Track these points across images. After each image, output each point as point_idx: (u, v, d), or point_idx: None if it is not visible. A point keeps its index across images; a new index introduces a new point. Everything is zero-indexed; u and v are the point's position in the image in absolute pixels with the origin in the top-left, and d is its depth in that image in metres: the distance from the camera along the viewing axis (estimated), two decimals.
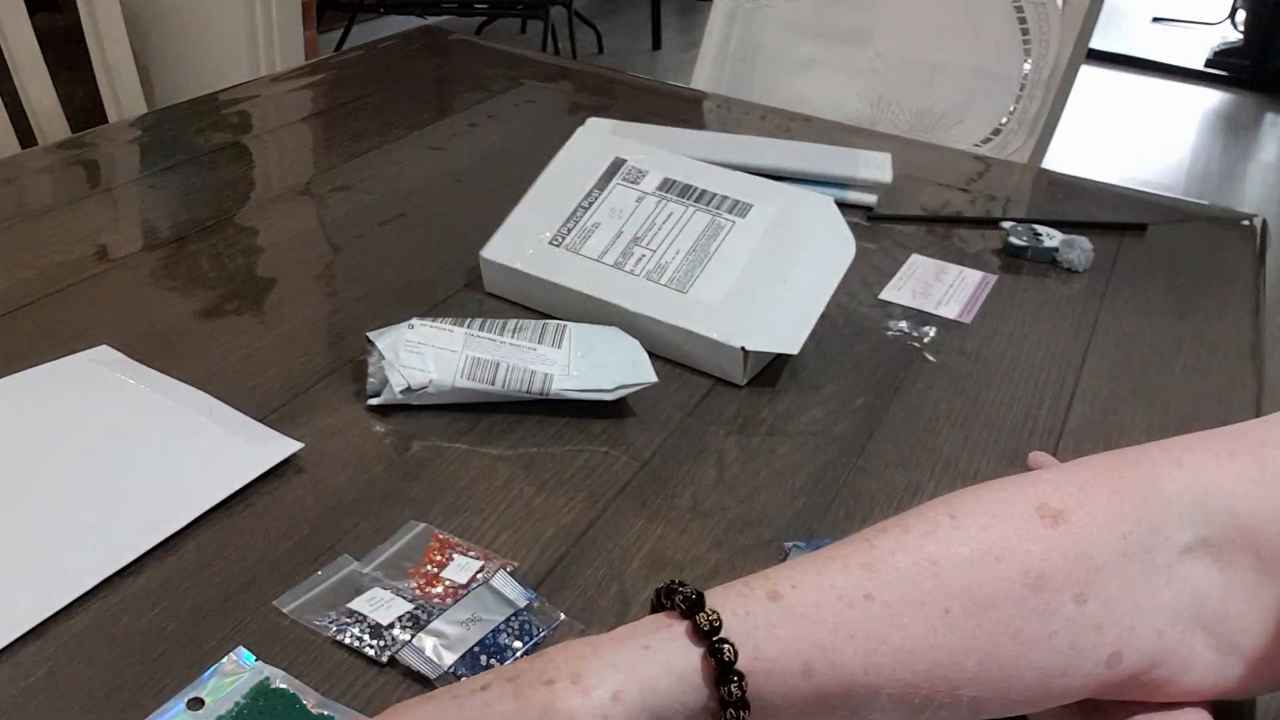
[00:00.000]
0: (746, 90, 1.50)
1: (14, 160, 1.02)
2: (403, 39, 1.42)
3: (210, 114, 1.13)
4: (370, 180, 1.02)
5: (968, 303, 0.88)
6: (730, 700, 0.39)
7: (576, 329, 0.73)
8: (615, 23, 4.33)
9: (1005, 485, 0.46)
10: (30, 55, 1.36)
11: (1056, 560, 0.43)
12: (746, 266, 0.77)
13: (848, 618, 0.41)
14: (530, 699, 0.38)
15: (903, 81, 1.44)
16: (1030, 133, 1.38)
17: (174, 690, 0.50)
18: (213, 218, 0.93)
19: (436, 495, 0.63)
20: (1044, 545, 0.43)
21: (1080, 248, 0.94)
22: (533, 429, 0.70)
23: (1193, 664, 0.45)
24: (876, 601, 0.41)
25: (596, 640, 0.40)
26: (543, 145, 0.90)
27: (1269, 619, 0.44)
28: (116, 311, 0.78)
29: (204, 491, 0.61)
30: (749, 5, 1.49)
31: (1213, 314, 0.89)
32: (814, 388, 0.76)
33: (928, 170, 1.12)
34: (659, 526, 0.63)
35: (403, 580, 0.57)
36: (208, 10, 1.93)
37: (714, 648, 0.39)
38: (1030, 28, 1.35)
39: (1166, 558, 0.44)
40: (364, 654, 0.52)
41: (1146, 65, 4.25)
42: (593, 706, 0.37)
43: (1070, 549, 0.43)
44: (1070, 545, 0.43)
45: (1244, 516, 0.44)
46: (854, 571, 0.42)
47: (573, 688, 0.38)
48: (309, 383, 0.72)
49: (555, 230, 0.82)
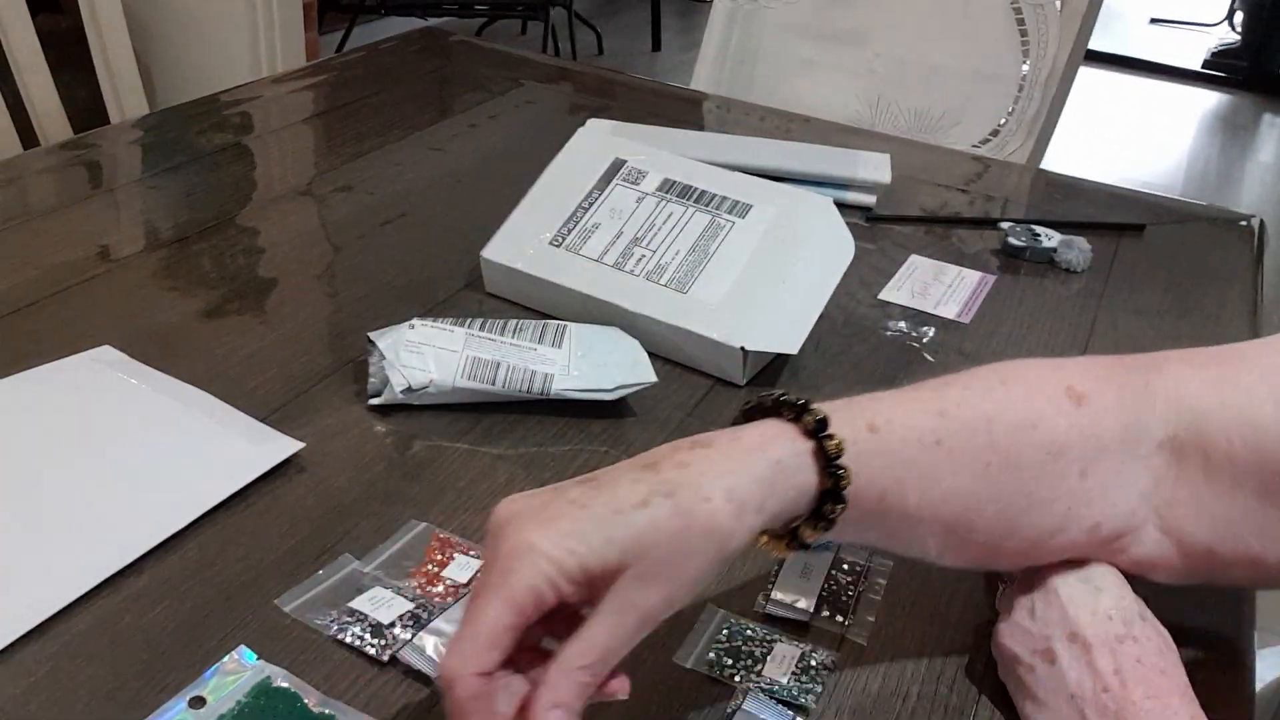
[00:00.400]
0: (746, 91, 1.50)
1: (16, 161, 1.02)
2: (403, 40, 1.42)
3: (212, 115, 1.14)
4: (371, 181, 1.02)
5: (966, 303, 0.88)
6: (830, 517, 0.45)
7: (576, 329, 0.73)
8: (615, 24, 4.33)
9: (1039, 364, 0.53)
10: (32, 56, 1.36)
11: (1075, 436, 0.49)
12: (746, 267, 0.77)
13: (920, 458, 0.47)
14: (694, 517, 0.41)
15: (901, 82, 1.44)
16: (1029, 133, 1.38)
17: (175, 689, 0.50)
18: (214, 218, 0.93)
19: (437, 495, 0.64)
20: (1069, 421, 0.50)
21: (1078, 248, 0.94)
22: (533, 429, 0.70)
23: (1144, 538, 0.52)
24: (943, 447, 0.48)
25: (731, 448, 0.44)
26: (543, 146, 0.90)
27: (1203, 514, 0.51)
28: (118, 311, 0.79)
29: (205, 491, 0.61)
30: (748, 6, 1.50)
31: (1210, 314, 0.89)
32: (814, 388, 0.76)
33: (926, 171, 1.12)
34: None
35: (404, 579, 0.57)
36: (209, 11, 1.93)
37: (833, 470, 0.45)
38: (1029, 29, 1.36)
39: (1147, 449, 0.51)
40: (365, 653, 0.53)
41: (1144, 66, 4.25)
42: (746, 525, 0.42)
43: (1086, 429, 0.50)
44: (1087, 425, 0.50)
45: (1201, 421, 0.51)
46: (930, 417, 0.48)
47: (728, 505, 0.42)
48: (310, 382, 0.73)
49: (555, 230, 0.82)
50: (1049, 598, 0.51)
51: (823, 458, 0.45)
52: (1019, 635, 0.52)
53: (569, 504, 0.42)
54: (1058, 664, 0.49)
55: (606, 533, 0.41)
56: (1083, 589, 0.51)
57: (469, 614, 0.41)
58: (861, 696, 0.53)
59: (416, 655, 0.52)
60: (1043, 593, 0.52)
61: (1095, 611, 0.50)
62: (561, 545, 0.40)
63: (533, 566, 0.40)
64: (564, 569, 0.40)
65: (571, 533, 0.41)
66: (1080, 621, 0.50)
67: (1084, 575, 0.52)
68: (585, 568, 0.41)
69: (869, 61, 1.46)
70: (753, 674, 0.53)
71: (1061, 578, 0.52)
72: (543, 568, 0.40)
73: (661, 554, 0.41)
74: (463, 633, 0.41)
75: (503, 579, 0.40)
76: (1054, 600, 0.51)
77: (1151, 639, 0.50)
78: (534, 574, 0.40)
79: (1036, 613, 0.51)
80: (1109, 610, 0.50)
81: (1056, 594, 0.51)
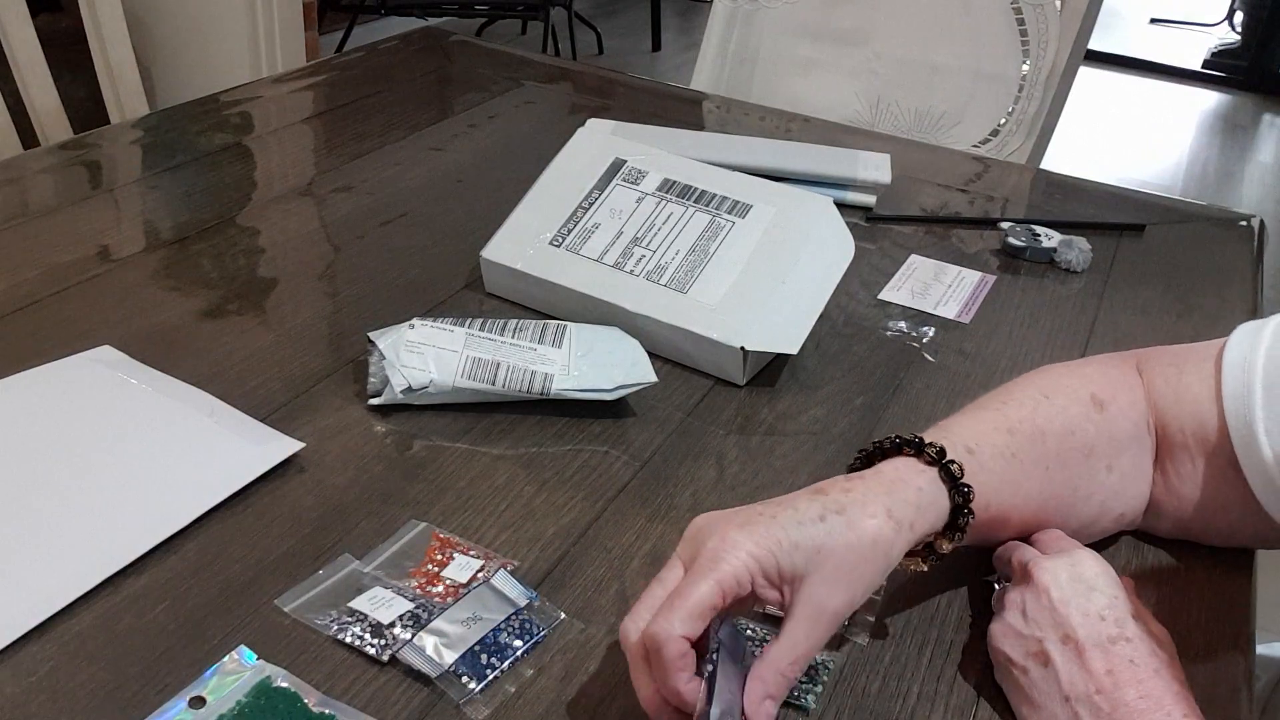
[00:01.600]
0: (746, 91, 1.50)
1: (16, 161, 1.02)
2: (403, 40, 1.42)
3: (212, 115, 1.14)
4: (371, 181, 1.02)
5: (966, 303, 0.88)
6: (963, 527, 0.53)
7: (576, 329, 0.73)
8: (615, 24, 4.33)
9: (1067, 373, 0.62)
10: (32, 56, 1.36)
11: (1101, 440, 0.59)
12: (746, 267, 0.77)
13: (1006, 470, 0.56)
14: (864, 530, 0.49)
15: (901, 82, 1.44)
16: (1029, 133, 1.38)
17: (176, 689, 0.50)
18: (214, 218, 0.93)
19: (437, 495, 0.64)
20: (1095, 426, 0.59)
21: (1078, 248, 0.94)
22: (533, 429, 0.70)
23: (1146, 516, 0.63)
24: (1018, 459, 0.56)
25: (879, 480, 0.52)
26: (543, 146, 0.90)
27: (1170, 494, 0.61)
28: (118, 311, 0.79)
29: (205, 491, 0.61)
30: (748, 6, 1.50)
31: (1210, 314, 0.89)
32: (813, 387, 0.76)
33: (926, 171, 1.12)
34: (659, 526, 0.63)
35: (403, 579, 0.57)
36: (209, 12, 1.93)
37: (959, 489, 0.53)
38: (1029, 29, 1.36)
39: (1151, 440, 0.61)
40: (365, 653, 0.53)
41: (1144, 66, 4.25)
42: (903, 538, 0.51)
43: (1106, 431, 0.59)
44: (1107, 428, 0.59)
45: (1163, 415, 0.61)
46: (1002, 435, 0.57)
47: (889, 521, 0.50)
48: (310, 383, 0.73)
49: (555, 231, 0.82)
50: (1040, 599, 0.52)
51: (949, 480, 0.53)
52: (1012, 637, 0.52)
53: (759, 515, 0.49)
54: (1051, 666, 0.50)
55: (795, 538, 0.48)
56: (1075, 589, 0.51)
57: (680, 590, 0.47)
58: (861, 697, 0.53)
59: (416, 655, 0.52)
60: (1034, 594, 0.52)
61: (1087, 612, 0.51)
62: (762, 544, 0.48)
63: (738, 559, 0.48)
64: (762, 564, 0.48)
65: (768, 535, 0.48)
66: (1073, 623, 0.50)
67: (1076, 574, 0.52)
68: (779, 567, 0.48)
69: (869, 61, 1.46)
70: None
71: (1053, 577, 0.52)
72: (746, 560, 0.48)
73: (839, 560, 0.48)
74: (673, 604, 0.47)
75: (714, 565, 0.47)
76: (1046, 601, 0.52)
77: (1145, 639, 0.50)
78: (740, 564, 0.47)
79: (1029, 614, 0.52)
80: (1101, 610, 0.51)
81: (1049, 594, 0.52)
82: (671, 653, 0.46)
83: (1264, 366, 0.57)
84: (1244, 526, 0.60)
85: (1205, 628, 0.58)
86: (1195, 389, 0.60)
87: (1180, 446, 0.60)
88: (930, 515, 0.52)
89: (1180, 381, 0.60)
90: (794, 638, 0.48)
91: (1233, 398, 0.58)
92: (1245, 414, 0.57)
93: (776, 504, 0.50)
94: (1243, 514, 0.59)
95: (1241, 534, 0.61)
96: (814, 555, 0.48)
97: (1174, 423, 0.60)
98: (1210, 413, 0.59)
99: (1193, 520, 0.61)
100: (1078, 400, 0.59)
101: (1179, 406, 0.60)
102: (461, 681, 0.51)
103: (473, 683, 0.52)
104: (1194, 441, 0.59)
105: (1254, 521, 0.58)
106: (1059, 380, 0.61)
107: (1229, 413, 0.58)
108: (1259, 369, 0.57)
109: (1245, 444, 0.57)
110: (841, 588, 0.48)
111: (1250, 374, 0.57)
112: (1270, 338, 0.58)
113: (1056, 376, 0.61)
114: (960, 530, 0.54)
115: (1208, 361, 0.60)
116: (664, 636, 0.46)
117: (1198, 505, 0.60)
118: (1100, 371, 0.62)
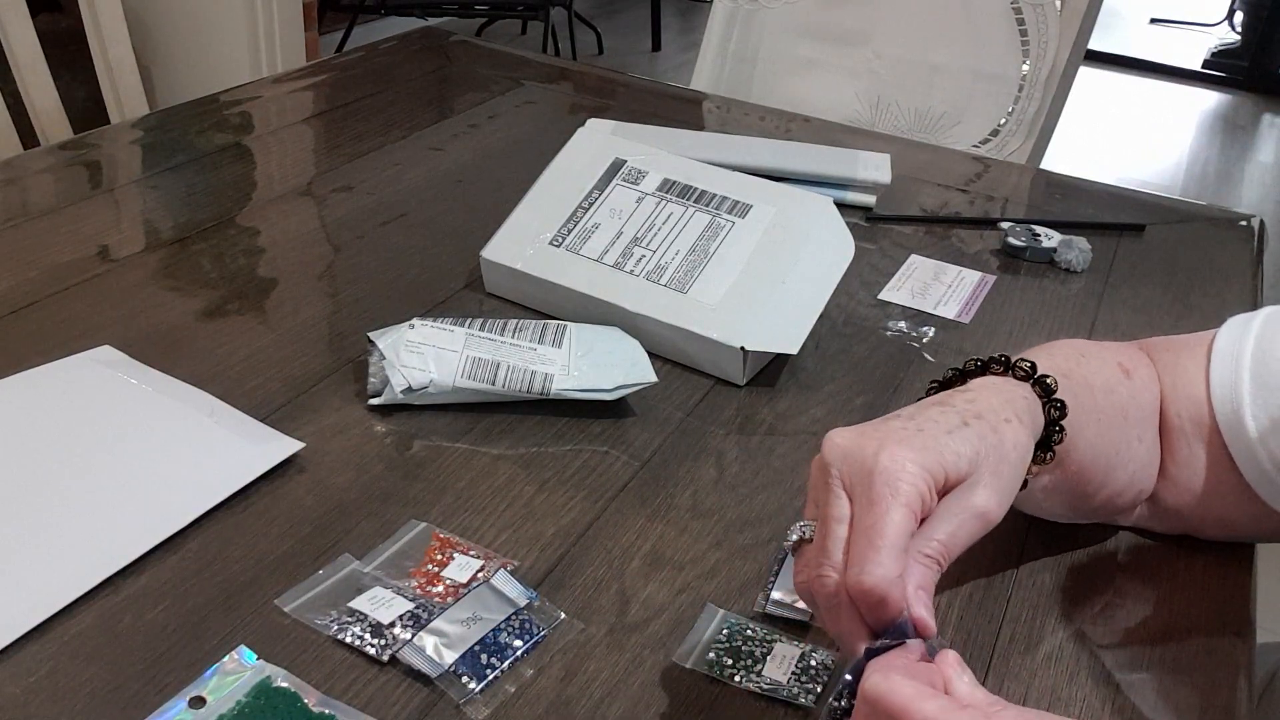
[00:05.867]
0: (746, 91, 1.50)
1: (16, 161, 1.02)
2: (403, 40, 1.42)
3: (212, 115, 1.14)
4: (371, 181, 1.02)
5: (966, 303, 0.88)
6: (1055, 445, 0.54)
7: (576, 329, 0.73)
8: (615, 24, 4.33)
9: (1090, 343, 0.62)
10: (32, 56, 1.36)
11: (1132, 404, 0.59)
12: (746, 267, 0.77)
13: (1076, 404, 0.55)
14: (1004, 433, 0.50)
15: (901, 82, 1.44)
16: (1029, 133, 1.38)
17: (176, 689, 0.50)
18: (214, 218, 0.93)
19: (437, 495, 0.64)
20: (1127, 389, 0.60)
21: (1078, 248, 0.94)
22: (533, 429, 0.70)
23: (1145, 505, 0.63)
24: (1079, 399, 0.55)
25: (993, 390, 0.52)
26: (543, 146, 0.90)
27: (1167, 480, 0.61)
28: (118, 311, 0.79)
29: (206, 491, 0.61)
30: (748, 6, 1.50)
31: (1210, 314, 0.89)
32: (813, 387, 0.76)
33: (926, 171, 1.12)
34: (659, 526, 0.63)
35: (403, 579, 0.57)
36: (209, 11, 1.93)
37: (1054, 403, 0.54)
38: (1028, 29, 1.36)
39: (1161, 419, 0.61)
40: (365, 653, 0.53)
41: (1144, 66, 4.25)
42: (1027, 436, 0.51)
43: (1135, 397, 0.60)
44: (1135, 394, 0.60)
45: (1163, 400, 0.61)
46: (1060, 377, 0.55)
47: (1021, 426, 0.51)
48: (310, 382, 0.73)
49: (555, 231, 0.82)
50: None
51: (1044, 393, 0.54)
52: None
53: (905, 431, 0.48)
54: None
55: (955, 447, 0.47)
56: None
57: (875, 527, 0.45)
58: None
59: (416, 655, 0.52)
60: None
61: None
62: (932, 459, 0.47)
63: (917, 477, 0.46)
64: (936, 478, 0.47)
65: (930, 447, 0.47)
66: None
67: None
68: (946, 478, 0.47)
69: (869, 61, 1.46)
70: (752, 674, 0.53)
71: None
72: (924, 477, 0.46)
73: (990, 463, 0.48)
74: (875, 544, 0.44)
75: (894, 491, 0.45)
76: None
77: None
78: (920, 482, 0.46)
79: None
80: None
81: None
82: (896, 595, 0.44)
83: (1252, 353, 0.59)
84: (1240, 515, 0.61)
85: (1206, 628, 0.58)
86: (1191, 373, 0.61)
87: (1178, 431, 0.61)
88: (1039, 423, 0.53)
89: (1177, 367, 0.62)
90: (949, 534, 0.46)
91: (1220, 384, 0.60)
92: (1232, 398, 0.59)
93: (908, 417, 0.49)
94: (1238, 500, 0.60)
95: (1239, 524, 0.62)
96: (972, 458, 0.48)
97: (1172, 407, 0.61)
98: (1204, 398, 0.60)
99: (1192, 509, 0.61)
100: (1108, 364, 0.60)
101: (1175, 392, 0.61)
102: (461, 681, 0.52)
103: (473, 683, 0.52)
104: (1190, 426, 0.60)
105: (1250, 508, 0.60)
106: (1088, 346, 0.61)
107: (1216, 397, 0.59)
108: (1247, 355, 0.59)
109: (1231, 427, 0.59)
110: (993, 489, 0.48)
111: (1239, 360, 0.59)
112: (1259, 327, 0.60)
113: (1085, 344, 0.62)
114: (1051, 451, 0.54)
115: (1201, 348, 0.62)
116: (886, 584, 0.43)
117: (1195, 492, 0.61)
118: (1120, 346, 0.63)
